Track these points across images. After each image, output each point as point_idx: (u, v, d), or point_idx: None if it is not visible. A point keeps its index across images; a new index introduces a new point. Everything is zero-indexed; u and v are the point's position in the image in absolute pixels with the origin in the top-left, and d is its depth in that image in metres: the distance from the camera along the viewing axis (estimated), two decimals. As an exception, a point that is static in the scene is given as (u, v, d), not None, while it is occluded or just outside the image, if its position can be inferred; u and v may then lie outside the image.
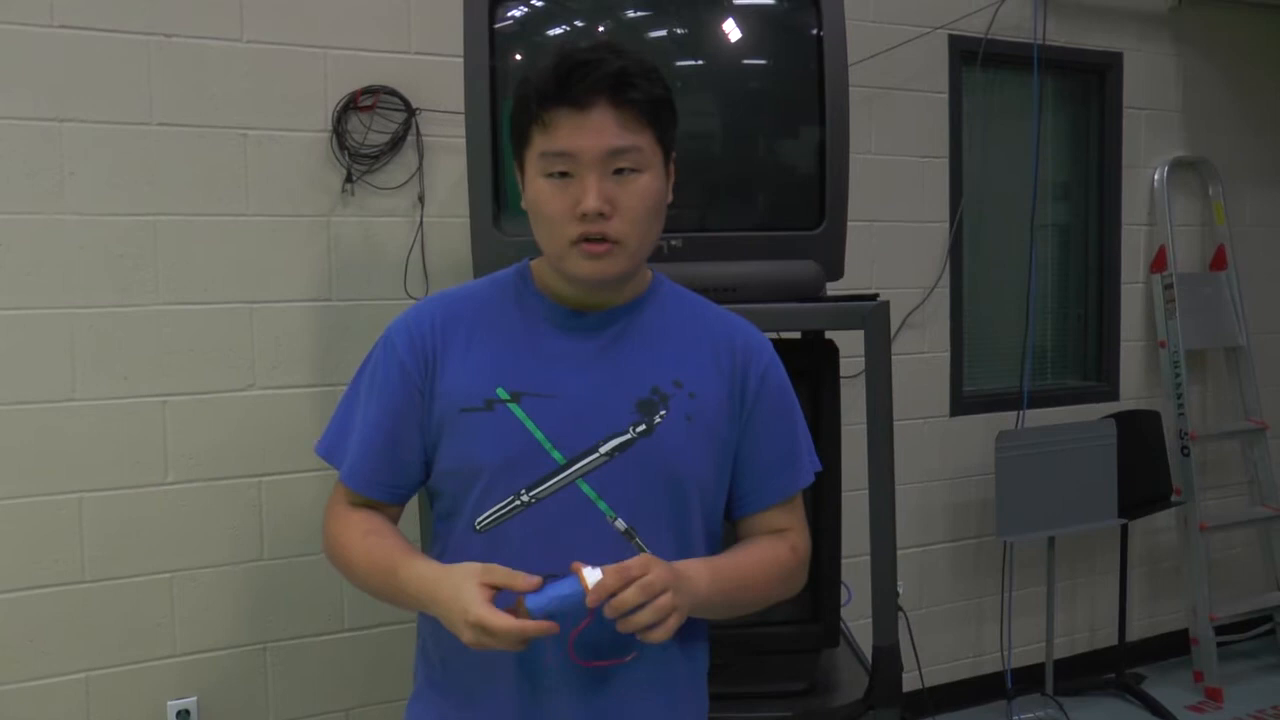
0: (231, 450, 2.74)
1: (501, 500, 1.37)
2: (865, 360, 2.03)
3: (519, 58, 2.10)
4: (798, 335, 2.35)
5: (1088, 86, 4.09)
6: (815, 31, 2.07)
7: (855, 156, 2.13)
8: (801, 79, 2.09)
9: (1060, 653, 3.93)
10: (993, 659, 3.89)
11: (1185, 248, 4.19)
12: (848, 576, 2.17)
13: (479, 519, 1.38)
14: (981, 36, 3.69)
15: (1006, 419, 3.80)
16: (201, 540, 2.73)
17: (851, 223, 2.14)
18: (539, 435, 1.36)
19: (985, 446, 3.65)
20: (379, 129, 2.84)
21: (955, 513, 3.83)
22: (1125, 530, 3.91)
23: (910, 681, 3.35)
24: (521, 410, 1.37)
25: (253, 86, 2.74)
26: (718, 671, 2.02)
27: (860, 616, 2.31)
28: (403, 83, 2.86)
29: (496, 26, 2.05)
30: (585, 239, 1.34)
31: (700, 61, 2.20)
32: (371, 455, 1.43)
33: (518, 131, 1.39)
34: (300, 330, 2.80)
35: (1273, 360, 4.37)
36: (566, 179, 1.34)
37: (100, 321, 2.62)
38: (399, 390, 1.41)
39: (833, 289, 2.16)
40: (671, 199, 1.44)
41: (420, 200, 2.90)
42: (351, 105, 2.82)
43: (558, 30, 2.18)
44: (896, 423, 2.09)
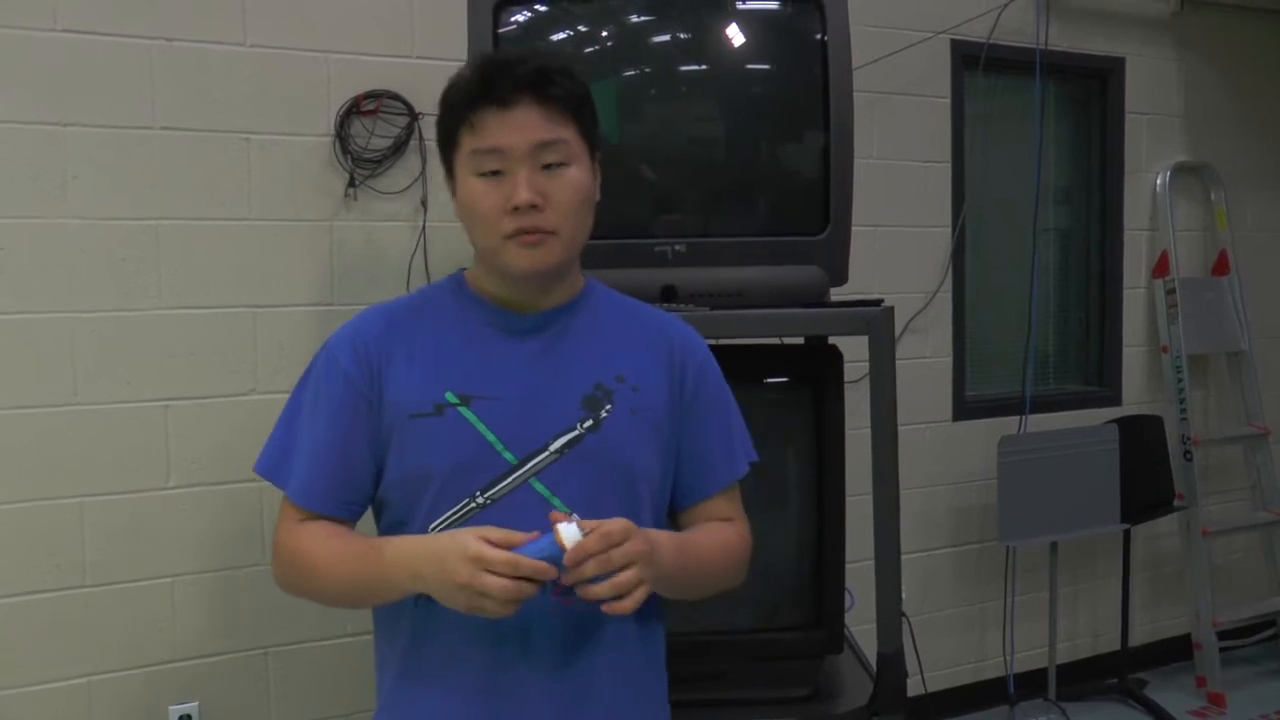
0: (233, 455, 2.73)
1: (455, 504, 1.38)
2: (869, 366, 2.03)
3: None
4: (801, 340, 2.35)
5: (1090, 91, 4.09)
6: (820, 36, 2.06)
7: (857, 161, 2.12)
8: (806, 84, 2.08)
9: (1063, 658, 3.92)
10: (995, 664, 3.88)
11: (1187, 253, 4.19)
12: (851, 582, 2.16)
13: (433, 524, 1.38)
14: (984, 41, 3.69)
15: (1009, 424, 3.79)
16: (203, 545, 2.72)
17: (854, 228, 2.13)
18: (490, 437, 1.38)
19: (987, 451, 3.65)
20: (382, 133, 2.84)
21: (957, 518, 3.83)
22: (1128, 535, 3.90)
23: (912, 687, 3.33)
24: (472, 413, 1.39)
25: (255, 91, 2.73)
26: (721, 677, 2.04)
27: (863, 622, 2.31)
28: (406, 87, 2.86)
29: (500, 31, 2.05)
30: (521, 232, 1.37)
31: (705, 66, 2.19)
32: (323, 471, 1.42)
33: (445, 137, 1.43)
34: (303, 335, 2.79)
35: (1275, 365, 4.37)
36: (497, 177, 1.38)
37: (102, 325, 2.61)
38: (346, 403, 1.42)
39: (835, 294, 2.16)
40: (599, 197, 1.47)
41: (423, 204, 2.89)
42: (354, 109, 2.82)
43: (561, 35, 2.17)
44: (899, 428, 2.09)
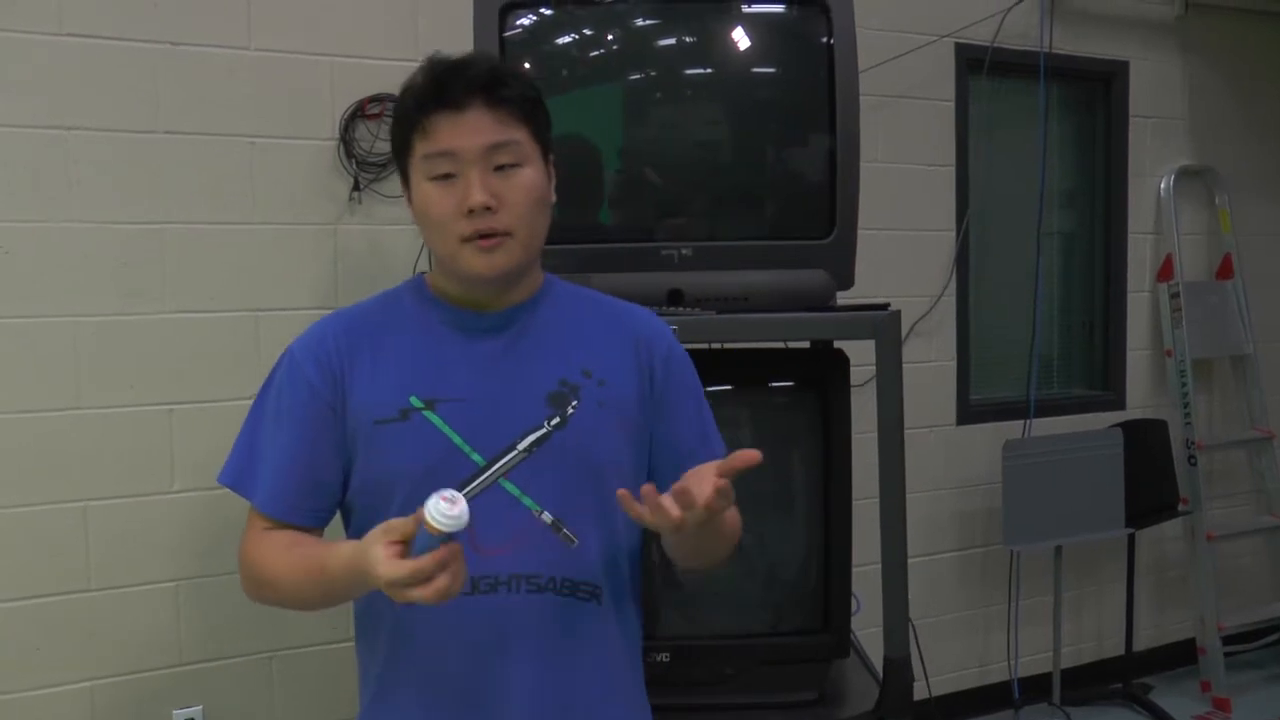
0: (237, 459, 2.73)
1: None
2: (876, 370, 2.02)
3: (528, 66, 2.10)
4: (806, 344, 2.34)
5: (1094, 95, 4.08)
6: (826, 40, 2.06)
7: (862, 165, 2.11)
8: (812, 87, 2.08)
9: (1067, 662, 3.92)
10: (999, 668, 3.87)
11: (1191, 256, 4.19)
12: (856, 586, 2.16)
13: None
14: (988, 45, 3.68)
15: (1013, 428, 3.78)
16: (207, 549, 2.71)
17: (858, 231, 2.14)
18: (457, 439, 1.37)
19: (992, 455, 3.64)
20: (386, 137, 2.81)
21: (962, 522, 3.82)
22: (1132, 540, 3.90)
23: (917, 691, 3.30)
24: (437, 416, 1.38)
25: (259, 94, 2.73)
26: (728, 681, 2.03)
27: (869, 626, 2.30)
28: (410, 91, 2.86)
29: (506, 35, 2.05)
30: (476, 234, 1.36)
31: (710, 70, 2.19)
32: (289, 480, 1.42)
33: (399, 143, 1.43)
34: (307, 338, 2.79)
35: (1279, 369, 4.36)
36: (450, 180, 1.37)
37: (105, 329, 2.61)
38: (310, 411, 1.41)
39: (839, 298, 2.15)
40: (555, 199, 1.46)
41: (427, 208, 2.89)
42: (359, 113, 2.81)
43: (567, 39, 2.17)
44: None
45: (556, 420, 1.40)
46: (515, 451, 1.38)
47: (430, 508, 1.14)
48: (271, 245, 2.76)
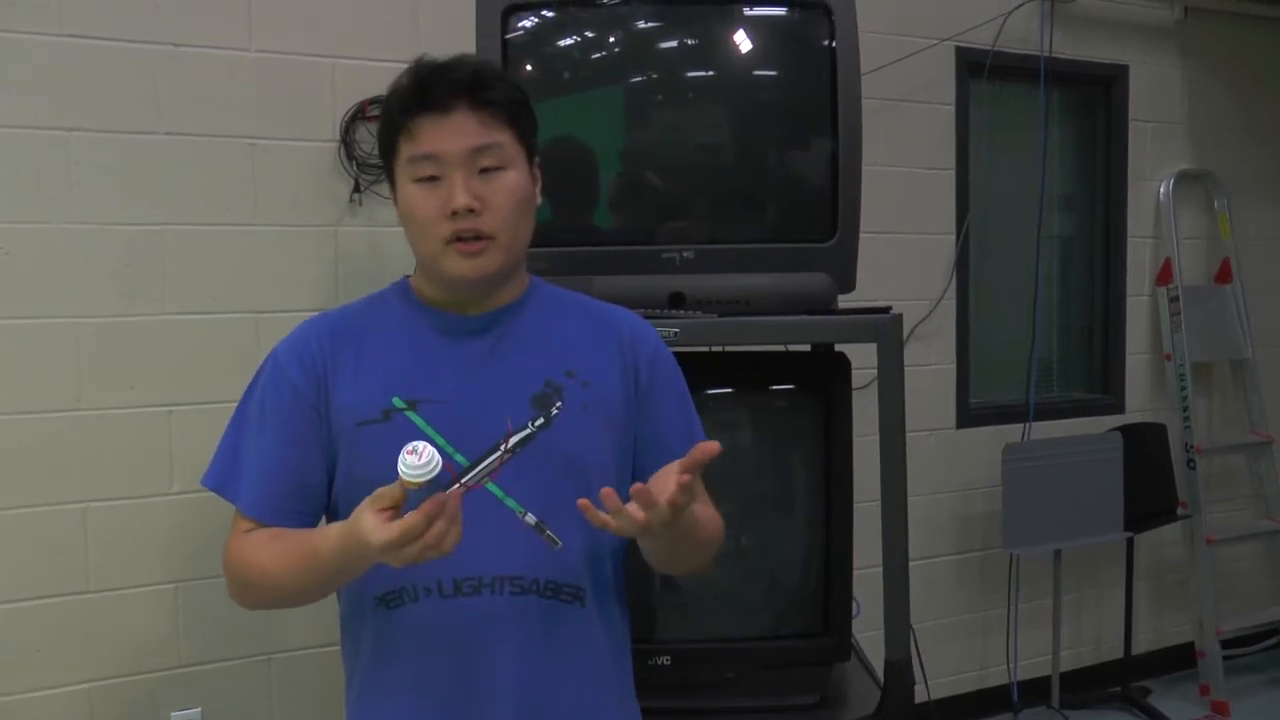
0: (237, 460, 2.73)
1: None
2: (878, 374, 2.02)
3: (530, 68, 2.10)
4: (807, 347, 2.34)
5: (1093, 99, 4.09)
6: (828, 43, 2.06)
7: (863, 168, 2.12)
8: (814, 90, 2.08)
9: (1066, 666, 3.91)
10: (999, 671, 3.87)
11: (1191, 260, 4.19)
12: (856, 589, 2.16)
13: None
14: (988, 48, 3.69)
15: (1013, 431, 3.79)
16: (206, 550, 2.68)
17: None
18: (440, 441, 1.37)
19: (991, 459, 3.64)
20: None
21: (961, 525, 3.82)
22: (1131, 543, 3.90)
23: (916, 694, 3.32)
24: (420, 418, 1.38)
25: (260, 96, 2.73)
26: (729, 684, 2.03)
27: (869, 629, 2.30)
28: (411, 93, 2.86)
29: (508, 37, 2.05)
30: (459, 238, 1.37)
31: (712, 73, 2.19)
32: (274, 483, 1.41)
33: (385, 145, 1.44)
34: (307, 340, 2.79)
35: (1278, 373, 4.36)
36: (434, 182, 1.38)
37: (106, 330, 2.61)
38: (294, 413, 1.41)
39: (840, 300, 2.15)
40: (540, 202, 1.47)
41: (427, 210, 2.89)
42: (360, 115, 2.81)
43: (569, 41, 2.17)
44: (904, 435, 2.09)
45: (540, 421, 1.40)
46: (499, 453, 1.38)
47: (400, 465, 1.15)
48: (272, 247, 2.76)
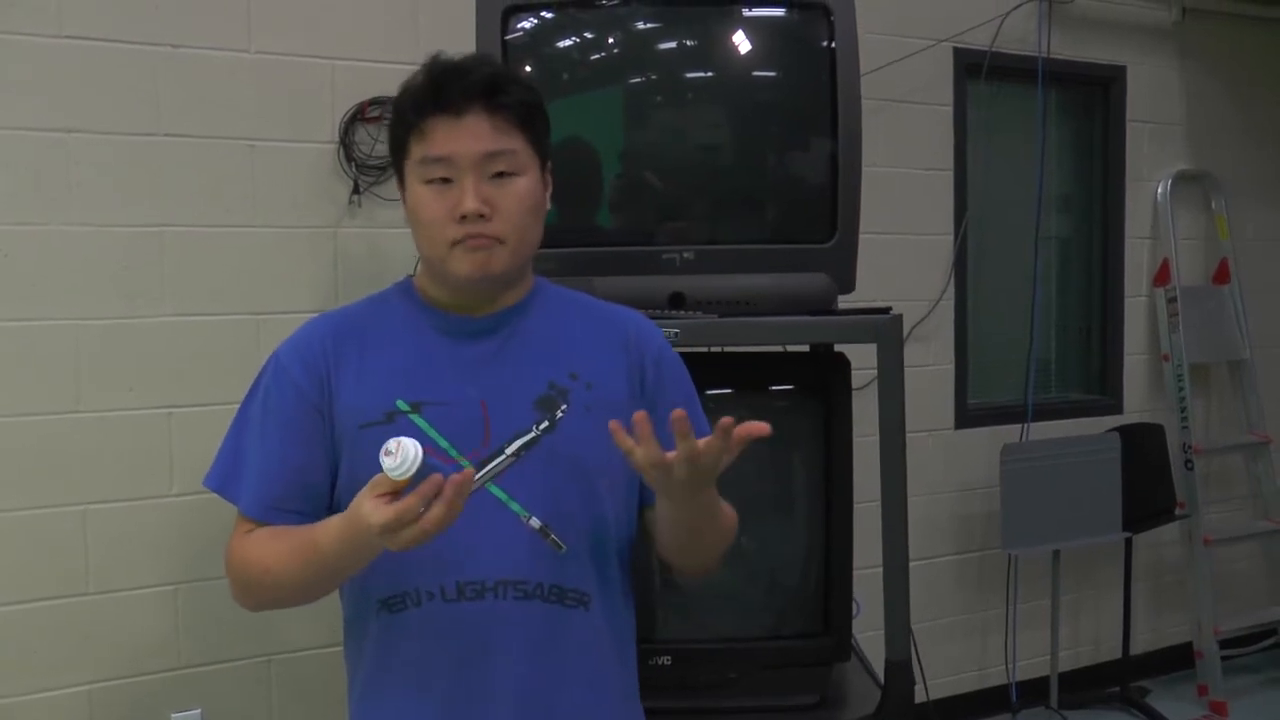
0: (237, 461, 2.73)
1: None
2: (878, 374, 2.03)
3: (530, 69, 2.10)
4: (807, 348, 2.34)
5: (1091, 99, 4.10)
6: (827, 44, 2.07)
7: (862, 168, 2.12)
8: (813, 91, 2.08)
9: (1065, 666, 3.92)
10: (997, 672, 3.87)
11: (1188, 261, 4.19)
12: (856, 590, 2.16)
13: None
14: (986, 49, 3.69)
15: (1011, 432, 3.79)
16: (206, 552, 2.69)
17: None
18: (444, 443, 1.36)
19: (990, 459, 3.64)
20: (386, 140, 2.82)
21: (960, 525, 3.82)
22: (1129, 544, 3.90)
23: (915, 694, 3.33)
24: (424, 420, 1.37)
25: (260, 97, 2.73)
26: (730, 685, 2.03)
27: (869, 629, 2.30)
28: (410, 94, 2.86)
29: (508, 38, 2.05)
30: (466, 239, 1.36)
31: (712, 74, 2.20)
32: (275, 484, 1.40)
33: (396, 144, 1.43)
34: (306, 341, 2.79)
35: (1276, 374, 4.37)
36: (445, 184, 1.37)
37: (105, 332, 2.60)
38: (297, 413, 1.40)
39: (839, 301, 2.16)
40: (551, 206, 1.46)
41: (427, 211, 2.89)
42: (359, 116, 2.81)
43: (569, 41, 2.18)
44: (902, 435, 2.09)
45: (545, 424, 1.39)
46: (503, 456, 1.37)
47: (383, 467, 1.15)
48: (272, 248, 2.76)
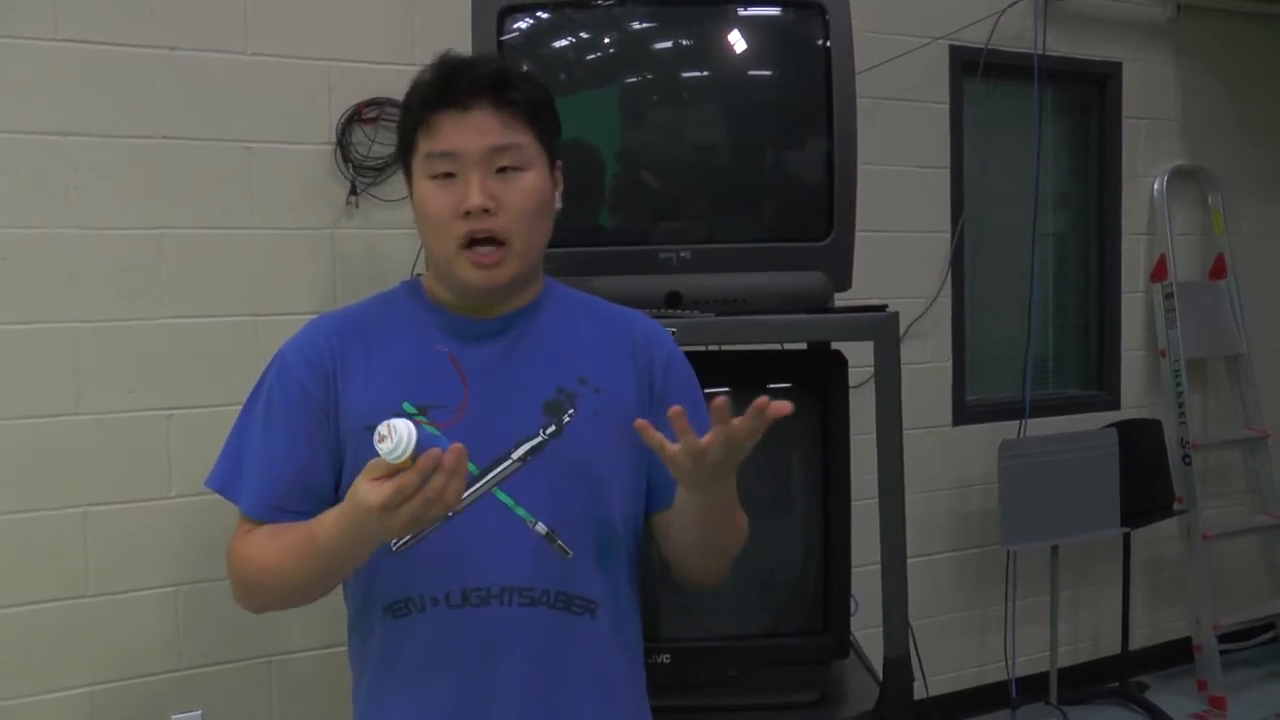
0: (236, 463, 2.73)
1: None
2: (875, 372, 2.03)
3: (534, 73, 2.10)
4: (804, 346, 2.35)
5: (1087, 96, 4.10)
6: (822, 42, 2.07)
7: (858, 167, 2.13)
8: (809, 90, 2.09)
9: (1064, 661, 3.92)
10: (997, 668, 3.88)
11: (1185, 256, 4.20)
12: (854, 587, 2.17)
13: (395, 540, 1.33)
14: (982, 47, 3.70)
15: (1009, 428, 3.79)
16: (206, 553, 2.70)
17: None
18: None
19: (988, 456, 3.65)
20: (383, 141, 2.83)
21: (958, 522, 3.83)
22: (1128, 539, 3.91)
23: (915, 690, 3.33)
24: (430, 423, 1.34)
25: (257, 99, 2.73)
26: (729, 683, 2.04)
27: (867, 627, 2.31)
28: (407, 95, 2.86)
29: (503, 38, 2.06)
30: (472, 239, 1.35)
31: (708, 73, 2.20)
32: (278, 484, 1.38)
33: (403, 140, 1.42)
34: (304, 342, 2.79)
35: (1273, 368, 4.37)
36: (451, 180, 1.36)
37: (104, 334, 2.61)
38: (301, 413, 1.39)
39: (836, 299, 2.16)
40: (560, 205, 1.45)
41: (424, 212, 2.90)
42: (355, 117, 2.82)
43: (564, 42, 2.18)
44: (900, 433, 2.09)
45: (552, 429, 1.37)
46: (509, 461, 1.36)
47: (379, 452, 1.12)
48: (269, 249, 2.76)
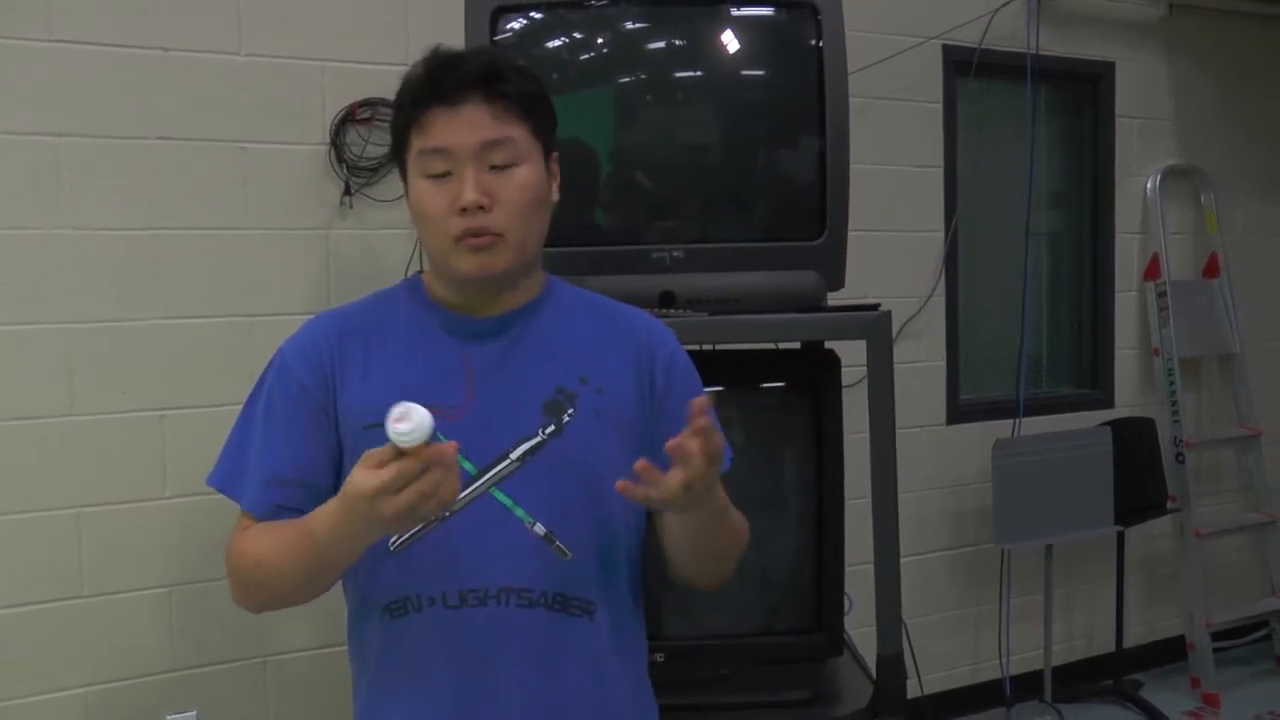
0: (230, 463, 2.73)
1: None
2: (867, 371, 2.04)
3: (517, 61, 2.10)
4: (797, 345, 2.36)
5: (1080, 96, 4.11)
6: (815, 42, 2.08)
7: (851, 166, 2.13)
8: (802, 90, 2.09)
9: (1058, 660, 3.94)
10: (991, 666, 3.88)
11: (1178, 255, 4.21)
12: (848, 586, 2.17)
13: (393, 540, 1.33)
14: (975, 46, 3.71)
15: (1003, 427, 3.80)
16: (201, 554, 2.70)
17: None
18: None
19: (982, 454, 3.66)
20: (377, 141, 2.84)
21: (953, 521, 3.84)
22: (1121, 537, 3.92)
23: (910, 689, 3.32)
24: None
25: (251, 99, 2.74)
26: (723, 681, 2.04)
27: (861, 625, 2.31)
28: (400, 95, 2.86)
29: (497, 38, 2.06)
30: (468, 233, 1.34)
31: (701, 73, 2.20)
32: (280, 482, 1.38)
33: (396, 137, 1.41)
34: (299, 343, 2.79)
35: (1266, 367, 4.39)
36: (445, 178, 1.35)
37: (99, 335, 2.61)
38: (301, 411, 1.39)
39: (830, 299, 2.17)
40: (558, 198, 1.44)
41: (418, 212, 2.90)
42: (349, 118, 2.82)
43: (558, 42, 2.18)
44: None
45: (551, 429, 1.37)
46: (508, 461, 1.35)
47: (390, 432, 1.11)
48: (264, 250, 2.76)
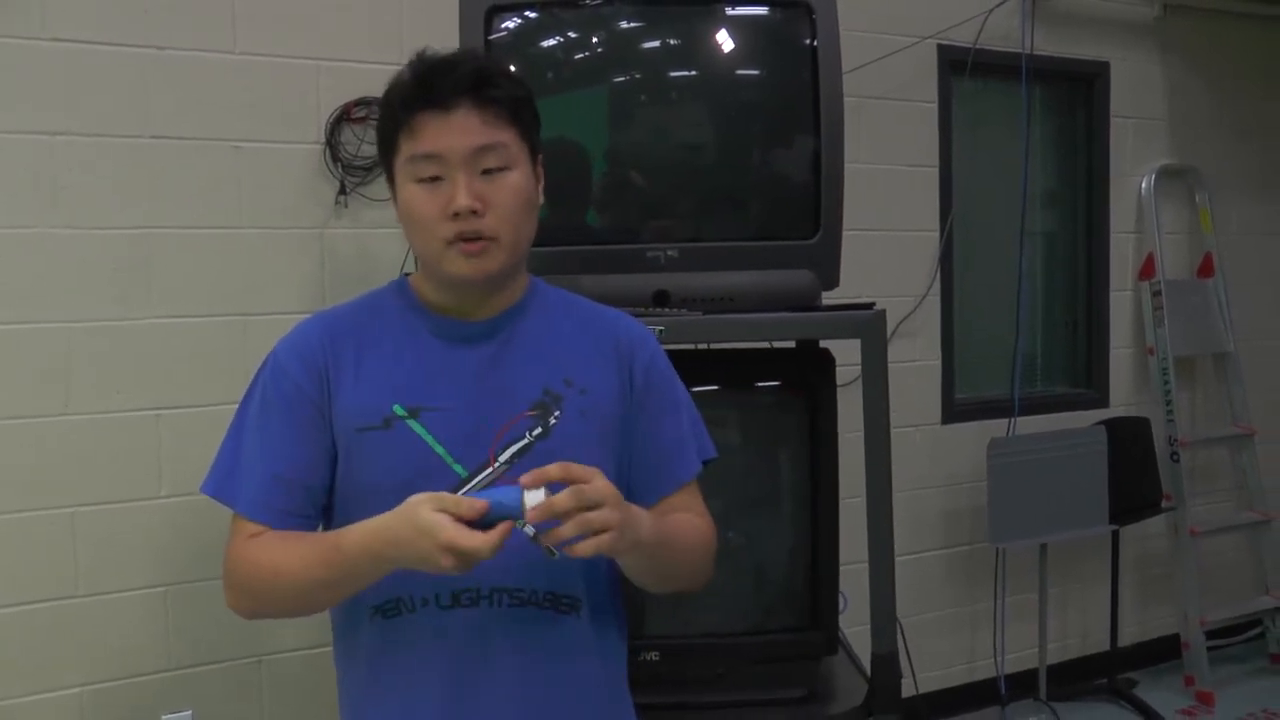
0: (226, 463, 2.73)
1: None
2: (862, 370, 2.04)
3: (513, 69, 2.10)
4: (792, 344, 2.36)
5: (1075, 95, 4.12)
6: (809, 42, 2.08)
7: (845, 166, 2.13)
8: (796, 89, 2.10)
9: (1053, 658, 3.94)
10: (986, 665, 3.89)
11: (1173, 255, 4.22)
12: (843, 585, 2.18)
13: None
14: (970, 46, 3.71)
15: (998, 426, 3.80)
16: (196, 554, 2.71)
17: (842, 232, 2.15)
18: (439, 450, 1.36)
19: (977, 454, 3.66)
20: (372, 140, 2.82)
21: (947, 520, 3.84)
22: (1116, 536, 3.92)
23: (905, 688, 3.31)
24: (420, 425, 1.36)
25: (246, 99, 2.73)
26: (718, 679, 2.05)
27: (855, 624, 2.32)
28: (395, 94, 2.86)
29: (491, 38, 2.06)
30: (461, 238, 1.35)
31: (695, 73, 2.21)
32: (275, 484, 1.38)
33: (384, 142, 1.41)
34: (294, 342, 2.79)
35: (1260, 366, 4.39)
36: (437, 182, 1.35)
37: (94, 335, 2.61)
38: (296, 413, 1.39)
39: (825, 298, 2.17)
40: (543, 200, 1.45)
41: (413, 211, 2.90)
42: (344, 117, 2.82)
43: (553, 41, 2.18)
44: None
45: (539, 431, 1.38)
46: (496, 464, 1.37)
47: (525, 498, 1.20)
48: (259, 249, 2.76)
